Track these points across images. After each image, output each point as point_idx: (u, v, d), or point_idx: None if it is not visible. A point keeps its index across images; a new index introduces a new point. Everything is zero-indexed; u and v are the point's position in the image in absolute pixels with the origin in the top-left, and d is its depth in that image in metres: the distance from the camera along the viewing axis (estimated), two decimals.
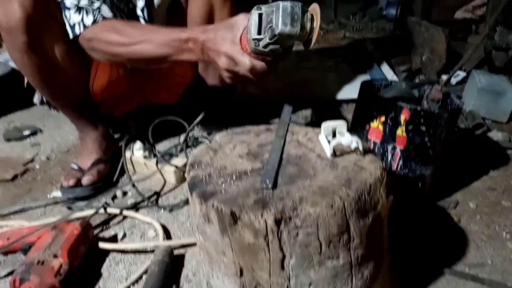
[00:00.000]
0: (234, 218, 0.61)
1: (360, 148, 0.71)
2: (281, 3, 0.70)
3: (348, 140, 0.71)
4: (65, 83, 1.11)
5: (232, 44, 0.78)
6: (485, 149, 1.34)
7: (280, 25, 0.69)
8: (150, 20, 1.15)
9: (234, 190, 0.65)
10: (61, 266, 0.79)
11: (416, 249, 0.90)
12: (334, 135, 0.75)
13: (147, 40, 0.90)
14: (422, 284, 0.81)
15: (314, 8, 0.73)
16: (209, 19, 1.17)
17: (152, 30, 0.93)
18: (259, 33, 0.73)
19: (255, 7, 0.74)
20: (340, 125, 0.74)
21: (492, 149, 1.34)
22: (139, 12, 1.14)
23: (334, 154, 0.71)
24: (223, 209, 0.61)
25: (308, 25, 0.72)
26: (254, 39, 0.74)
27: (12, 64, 1.99)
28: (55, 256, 0.80)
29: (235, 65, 0.79)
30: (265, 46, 0.74)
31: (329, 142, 0.72)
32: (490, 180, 1.17)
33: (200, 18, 1.15)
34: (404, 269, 0.83)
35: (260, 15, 0.73)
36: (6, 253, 0.95)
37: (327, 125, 0.74)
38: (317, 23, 0.72)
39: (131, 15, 1.14)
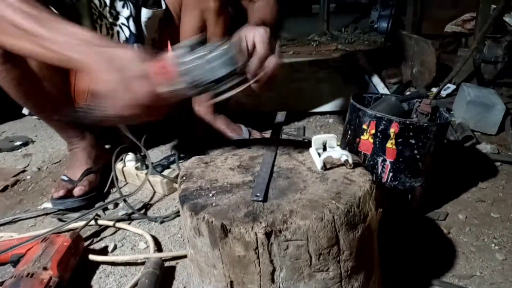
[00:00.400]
0: (225, 231, 0.61)
1: (350, 161, 0.72)
2: (233, 42, 0.66)
3: (338, 153, 0.72)
4: (46, 94, 1.10)
5: (135, 51, 0.66)
6: (474, 161, 1.36)
7: (221, 57, 0.64)
8: (139, 33, 1.15)
9: (225, 203, 0.66)
10: (50, 278, 0.78)
11: (405, 261, 0.90)
12: (324, 148, 0.76)
13: (50, 23, 0.72)
14: None
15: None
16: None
17: (61, 19, 0.72)
18: (192, 49, 0.65)
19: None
20: (330, 138, 0.75)
21: (481, 161, 1.36)
22: (122, 20, 1.13)
23: (325, 167, 0.72)
24: (214, 222, 0.61)
25: (233, 82, 0.67)
26: (183, 51, 0.65)
27: None
28: (45, 268, 0.80)
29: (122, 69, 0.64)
30: (191, 61, 0.65)
31: (319, 155, 0.73)
32: (479, 192, 1.18)
33: (192, 34, 1.16)
34: (394, 281, 0.83)
35: (204, 41, 0.67)
36: None
37: (318, 138, 0.76)
38: (235, 91, 0.68)
39: (113, 24, 1.13)
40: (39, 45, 0.72)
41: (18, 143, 1.64)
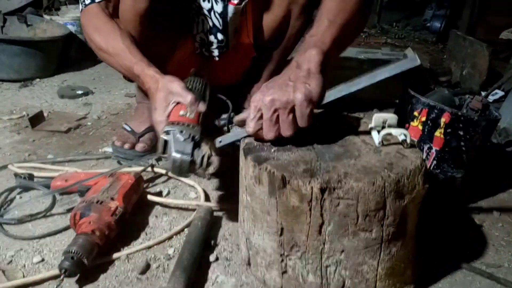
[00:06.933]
0: (284, 182, 0.68)
1: (408, 140, 0.76)
2: (172, 155, 0.78)
3: (398, 131, 0.76)
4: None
5: (159, 114, 0.85)
6: None
7: (170, 169, 0.80)
8: (224, 26, 1.20)
9: (285, 158, 0.73)
10: (117, 207, 0.88)
11: (438, 242, 0.95)
12: (383, 127, 0.80)
13: (116, 55, 0.98)
14: (440, 274, 0.86)
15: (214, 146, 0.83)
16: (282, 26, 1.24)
17: (122, 48, 0.97)
18: (163, 152, 0.82)
19: (165, 130, 0.81)
20: (391, 117, 0.79)
21: None
22: (212, 14, 1.17)
23: (382, 143, 0.77)
24: (275, 173, 0.69)
25: (197, 168, 0.80)
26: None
27: (70, 27, 2.11)
28: (112, 198, 0.89)
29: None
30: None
31: (378, 132, 0.78)
32: None
33: (274, 23, 1.23)
34: (425, 258, 0.88)
35: (166, 142, 0.81)
36: (61, 194, 1.05)
37: (379, 117, 0.79)
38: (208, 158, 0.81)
39: (205, 15, 1.19)
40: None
41: (79, 92, 1.76)
